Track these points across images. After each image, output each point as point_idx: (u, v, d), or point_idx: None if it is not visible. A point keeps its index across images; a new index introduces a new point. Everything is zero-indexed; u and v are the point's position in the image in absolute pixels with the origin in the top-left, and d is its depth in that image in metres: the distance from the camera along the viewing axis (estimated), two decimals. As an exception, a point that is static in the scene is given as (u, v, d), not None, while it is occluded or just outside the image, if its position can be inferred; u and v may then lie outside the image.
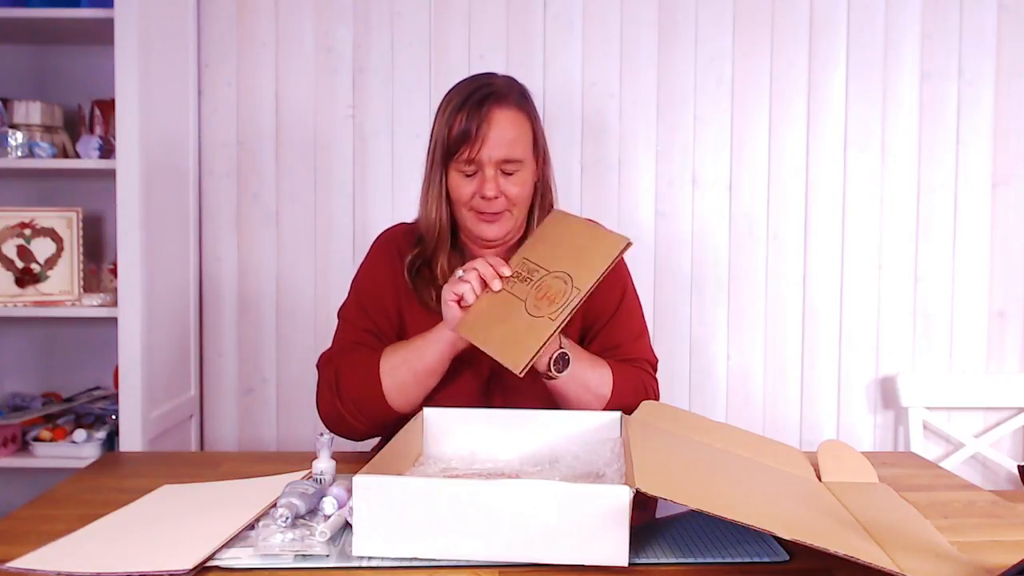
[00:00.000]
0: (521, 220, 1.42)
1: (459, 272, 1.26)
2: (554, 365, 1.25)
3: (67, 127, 2.10)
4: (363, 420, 1.35)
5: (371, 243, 1.52)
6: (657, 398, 1.45)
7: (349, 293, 1.48)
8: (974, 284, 2.26)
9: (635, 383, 1.38)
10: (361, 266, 1.50)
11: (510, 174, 1.35)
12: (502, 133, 1.34)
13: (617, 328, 1.44)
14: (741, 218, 2.25)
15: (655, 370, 1.48)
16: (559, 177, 1.51)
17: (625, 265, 1.51)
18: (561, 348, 1.26)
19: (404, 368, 1.31)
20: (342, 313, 1.46)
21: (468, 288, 1.24)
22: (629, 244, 1.20)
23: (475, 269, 1.25)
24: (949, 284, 2.26)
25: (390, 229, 1.53)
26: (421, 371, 1.31)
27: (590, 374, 1.31)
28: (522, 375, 1.14)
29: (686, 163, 2.24)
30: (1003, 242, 2.26)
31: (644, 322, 1.50)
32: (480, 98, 1.35)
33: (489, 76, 1.41)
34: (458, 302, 1.24)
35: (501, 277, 1.24)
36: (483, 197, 1.35)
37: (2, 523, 1.04)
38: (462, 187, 1.37)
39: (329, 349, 1.44)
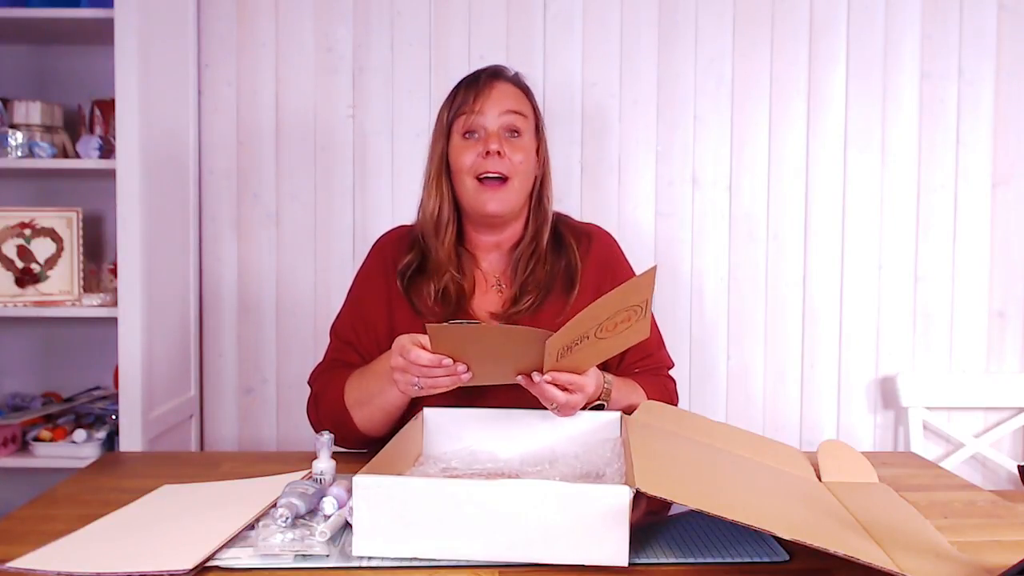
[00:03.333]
0: (522, 200, 1.42)
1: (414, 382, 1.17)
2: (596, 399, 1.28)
3: (67, 127, 2.10)
4: (347, 442, 1.37)
5: (370, 246, 1.53)
6: (678, 399, 1.52)
7: (344, 303, 1.50)
8: (974, 284, 2.26)
9: (661, 393, 1.44)
10: (357, 273, 1.51)
11: (514, 136, 1.38)
12: (502, 97, 1.38)
13: (645, 342, 1.46)
14: (741, 218, 2.25)
15: (669, 369, 1.54)
16: (559, 177, 1.52)
17: (633, 272, 1.53)
18: (605, 384, 1.29)
19: (371, 406, 1.31)
20: (333, 326, 1.48)
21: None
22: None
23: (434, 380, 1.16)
24: (949, 284, 2.26)
25: (386, 234, 1.53)
26: (390, 410, 1.31)
27: (623, 400, 1.34)
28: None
29: (686, 163, 2.24)
30: (1003, 242, 2.25)
31: (658, 328, 1.53)
32: (478, 74, 1.41)
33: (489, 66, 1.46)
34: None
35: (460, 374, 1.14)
36: (487, 153, 1.35)
37: (2, 523, 1.04)
38: (465, 152, 1.37)
39: (317, 364, 1.47)
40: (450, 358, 1.12)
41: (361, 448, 1.38)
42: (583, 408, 1.23)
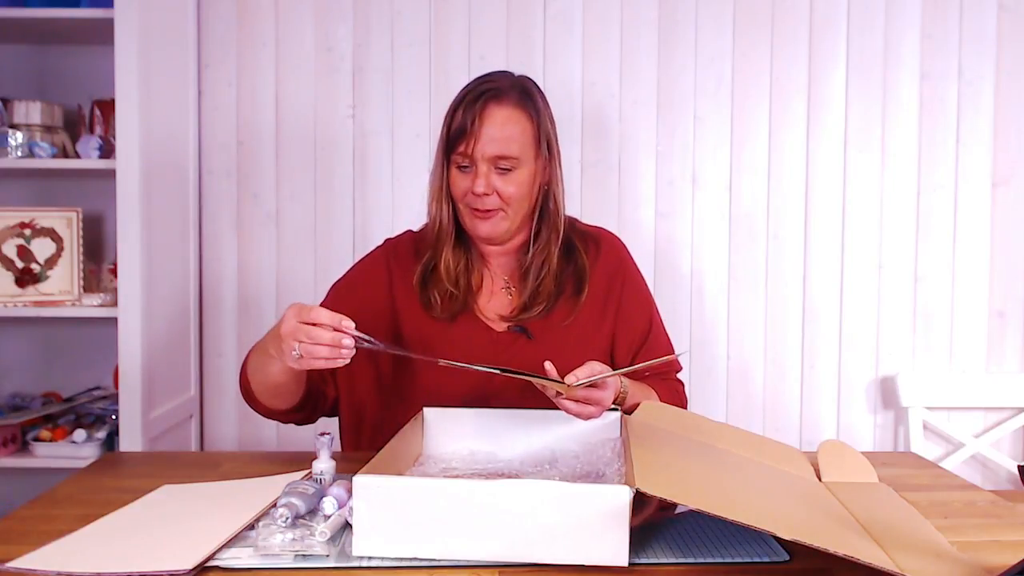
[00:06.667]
0: (520, 222, 1.42)
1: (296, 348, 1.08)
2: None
3: (67, 127, 2.10)
4: (258, 407, 1.36)
5: (370, 245, 1.52)
6: (687, 402, 1.55)
7: (330, 289, 1.47)
8: (974, 284, 2.26)
9: (672, 397, 1.47)
10: (354, 265, 1.51)
11: (505, 172, 1.36)
12: (496, 130, 1.34)
13: (655, 347, 1.49)
14: (741, 218, 2.25)
15: (678, 373, 1.56)
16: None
17: (643, 277, 1.55)
18: (621, 389, 1.30)
19: (262, 375, 1.29)
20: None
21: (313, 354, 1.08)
22: None
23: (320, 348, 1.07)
24: (949, 284, 2.26)
25: (395, 237, 1.53)
26: (274, 383, 1.27)
27: (635, 403, 1.35)
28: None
29: (686, 163, 2.24)
30: (1003, 242, 2.25)
31: (667, 333, 1.55)
32: (477, 95, 1.36)
33: (497, 74, 1.42)
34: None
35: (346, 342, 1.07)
36: (474, 193, 1.35)
37: (2, 523, 1.04)
38: (458, 182, 1.38)
39: None
40: (351, 321, 1.05)
41: (273, 418, 1.38)
42: None
